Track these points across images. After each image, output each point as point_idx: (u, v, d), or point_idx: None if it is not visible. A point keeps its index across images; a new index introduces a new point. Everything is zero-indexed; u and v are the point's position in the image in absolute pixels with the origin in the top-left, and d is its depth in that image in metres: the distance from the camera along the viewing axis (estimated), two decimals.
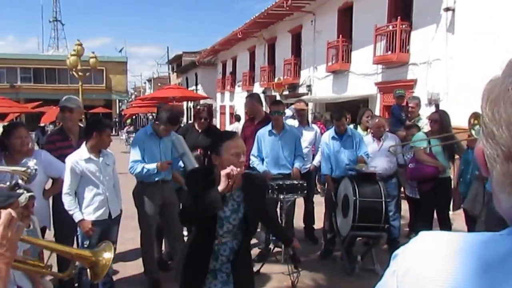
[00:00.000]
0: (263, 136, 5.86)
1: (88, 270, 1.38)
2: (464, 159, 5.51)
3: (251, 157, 5.85)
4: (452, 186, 5.86)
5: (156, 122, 5.02)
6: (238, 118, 18.86)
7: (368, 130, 6.54)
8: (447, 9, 11.13)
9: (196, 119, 6.09)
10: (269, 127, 5.89)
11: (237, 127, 14.86)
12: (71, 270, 1.43)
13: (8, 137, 4.01)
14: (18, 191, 3.08)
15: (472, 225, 5.26)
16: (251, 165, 5.84)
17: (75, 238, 4.59)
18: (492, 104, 0.70)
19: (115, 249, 4.62)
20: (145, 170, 4.76)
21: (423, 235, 0.80)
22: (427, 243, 0.77)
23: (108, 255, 1.33)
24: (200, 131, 6.02)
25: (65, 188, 4.18)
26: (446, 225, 5.64)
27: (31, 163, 3.42)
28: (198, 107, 6.17)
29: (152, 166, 4.76)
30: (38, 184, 3.90)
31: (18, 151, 3.98)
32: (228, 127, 23.71)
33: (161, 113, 4.98)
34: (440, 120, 5.60)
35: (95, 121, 4.58)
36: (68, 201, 4.18)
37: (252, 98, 6.62)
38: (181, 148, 4.91)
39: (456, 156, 5.87)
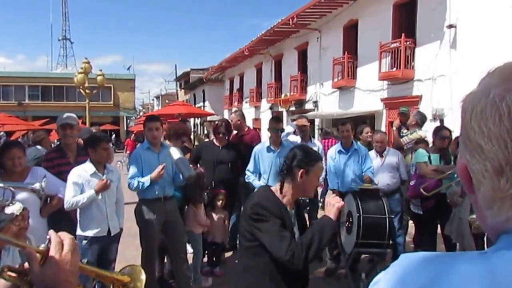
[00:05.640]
0: (260, 152, 5.87)
1: None
2: None
3: (247, 172, 5.88)
4: None
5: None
6: None
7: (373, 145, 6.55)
8: (450, 26, 11.19)
9: (214, 134, 6.15)
10: (266, 143, 5.93)
11: None
12: None
13: (1, 157, 3.99)
14: (10, 205, 3.08)
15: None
16: (246, 180, 5.86)
17: None
18: (479, 117, 0.68)
19: (113, 267, 4.62)
20: (140, 184, 4.70)
21: (403, 257, 0.76)
22: (407, 266, 0.73)
23: (143, 279, 1.33)
24: (220, 146, 6.12)
25: (67, 198, 4.16)
26: (450, 241, 5.58)
27: (37, 184, 3.46)
28: (216, 122, 6.28)
29: (146, 178, 4.70)
30: (34, 202, 3.89)
31: (11, 171, 3.97)
32: None
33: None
34: (449, 136, 5.62)
35: (88, 138, 4.60)
36: (73, 201, 4.15)
37: (237, 115, 7.00)
38: (175, 155, 4.83)
39: None
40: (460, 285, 0.64)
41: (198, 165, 5.99)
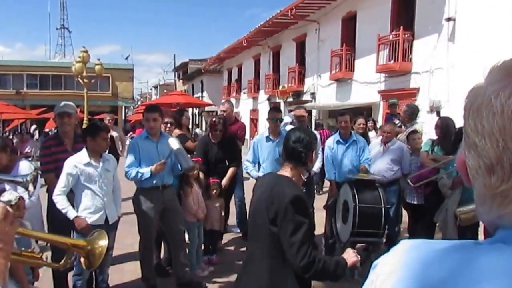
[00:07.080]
0: (259, 142, 5.97)
1: (82, 259, 1.38)
2: None
3: (246, 162, 5.98)
4: None
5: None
6: None
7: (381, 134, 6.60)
8: (448, 19, 11.22)
9: (211, 131, 6.18)
10: (265, 133, 6.02)
11: None
12: (67, 261, 1.42)
13: None
14: (6, 193, 3.11)
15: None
16: (245, 171, 5.93)
17: None
18: (475, 115, 0.69)
19: (111, 254, 4.64)
20: (139, 175, 4.71)
21: (403, 243, 0.77)
22: (406, 252, 0.74)
23: (103, 243, 1.35)
24: (214, 142, 6.15)
25: (58, 189, 4.19)
26: None
27: (19, 177, 3.46)
28: (214, 119, 6.25)
29: (146, 170, 4.71)
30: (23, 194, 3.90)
31: None
32: None
33: None
34: (441, 125, 5.64)
35: (89, 126, 4.60)
36: (60, 200, 4.18)
37: (230, 105, 7.31)
38: (174, 146, 4.80)
39: None
40: (483, 278, 0.64)
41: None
